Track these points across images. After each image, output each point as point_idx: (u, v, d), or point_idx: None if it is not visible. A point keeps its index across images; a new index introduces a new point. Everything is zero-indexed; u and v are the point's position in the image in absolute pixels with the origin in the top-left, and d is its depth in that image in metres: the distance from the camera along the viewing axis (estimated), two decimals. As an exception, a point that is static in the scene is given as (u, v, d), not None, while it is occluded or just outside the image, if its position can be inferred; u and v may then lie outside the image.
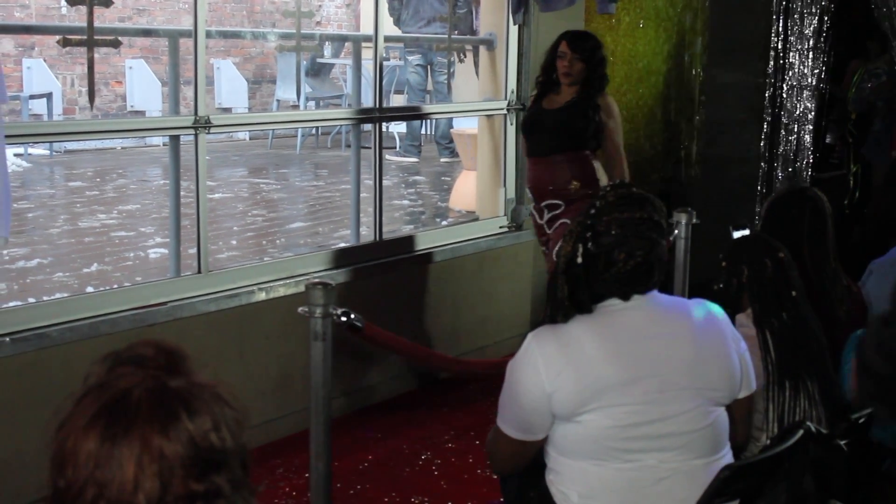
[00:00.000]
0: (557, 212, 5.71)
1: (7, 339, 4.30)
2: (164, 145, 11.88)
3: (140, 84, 13.63)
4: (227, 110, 13.67)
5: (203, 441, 1.49)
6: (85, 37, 4.68)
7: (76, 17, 12.51)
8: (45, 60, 13.29)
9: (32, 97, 12.25)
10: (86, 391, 1.52)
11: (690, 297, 3.20)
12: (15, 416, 4.25)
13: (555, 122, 5.68)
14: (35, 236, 8.01)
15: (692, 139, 8.15)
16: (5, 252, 6.97)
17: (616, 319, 2.85)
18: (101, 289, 5.80)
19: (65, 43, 4.80)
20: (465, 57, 6.90)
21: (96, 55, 4.73)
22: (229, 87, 14.25)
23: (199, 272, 5.16)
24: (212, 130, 5.18)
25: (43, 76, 12.96)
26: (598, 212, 2.86)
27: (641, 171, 7.58)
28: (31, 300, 5.74)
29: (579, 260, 2.86)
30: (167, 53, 5.64)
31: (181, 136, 5.27)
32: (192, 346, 4.79)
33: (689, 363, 2.83)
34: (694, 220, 5.59)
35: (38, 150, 11.90)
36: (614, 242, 2.82)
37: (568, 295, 2.86)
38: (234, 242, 7.95)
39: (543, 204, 5.76)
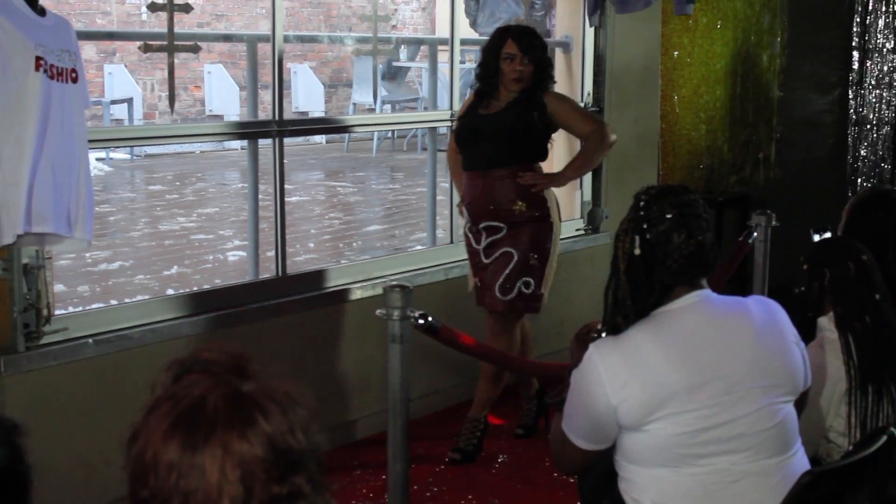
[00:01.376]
0: (498, 236, 4.98)
1: (90, 340, 4.37)
2: (241, 149, 11.98)
3: (218, 88, 13.78)
4: (304, 114, 13.78)
5: (281, 443, 1.50)
6: (165, 42, 4.75)
7: (156, 23, 12.67)
8: (125, 66, 13.49)
9: (114, 102, 12.45)
10: (157, 401, 1.53)
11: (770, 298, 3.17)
12: (98, 417, 4.32)
13: (494, 130, 4.96)
14: (117, 239, 8.14)
15: (771, 141, 8.07)
16: (88, 255, 7.09)
17: (675, 323, 2.82)
18: (182, 291, 5.88)
19: (146, 49, 4.87)
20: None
21: (176, 60, 4.79)
22: (306, 90, 14.35)
23: (278, 275, 5.21)
24: (289, 134, 5.22)
25: (124, 81, 13.16)
26: (647, 203, 2.84)
27: (719, 174, 7.52)
28: (114, 302, 5.83)
29: (637, 251, 2.83)
30: (245, 58, 5.70)
31: (259, 140, 5.32)
32: (271, 348, 4.87)
33: (752, 361, 2.80)
34: (773, 223, 5.52)
35: (120, 155, 12.08)
36: (672, 226, 2.80)
37: (630, 294, 2.84)
38: (311, 245, 8.01)
39: (482, 226, 5.01)
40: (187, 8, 4.84)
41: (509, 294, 4.96)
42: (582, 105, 5.25)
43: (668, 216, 2.81)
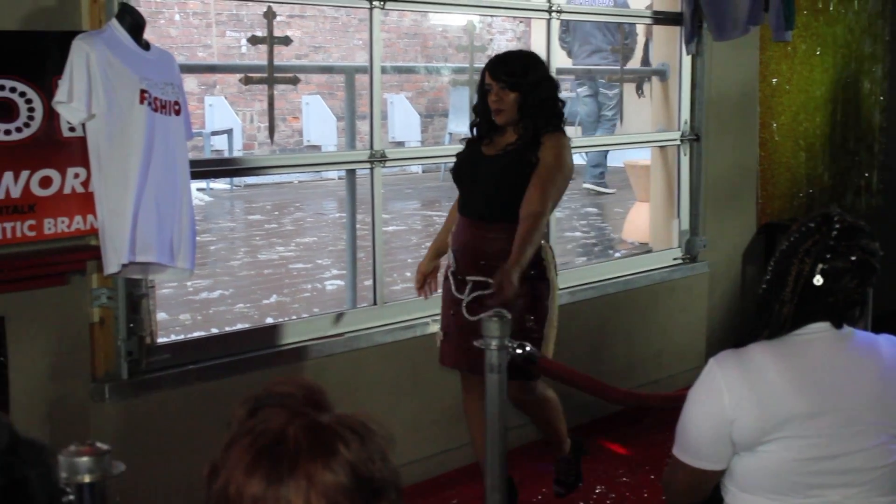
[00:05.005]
0: (487, 292, 4.36)
1: (191, 367, 4.44)
2: (339, 179, 12.12)
3: (316, 119, 13.94)
4: (400, 144, 13.87)
5: (363, 471, 1.51)
6: (265, 75, 4.83)
7: (255, 56, 12.88)
8: (226, 98, 13.72)
9: (214, 133, 12.66)
10: (236, 436, 1.55)
11: (874, 328, 3.11)
12: (198, 444, 4.37)
13: (491, 174, 4.44)
14: (217, 268, 8.25)
15: (872, 168, 7.94)
16: (190, 284, 7.20)
17: (802, 349, 2.78)
18: (281, 320, 5.94)
19: (247, 81, 4.95)
20: (643, 93, 6.80)
21: (275, 92, 4.87)
22: (402, 120, 14.45)
23: (375, 304, 5.24)
24: (386, 164, 5.27)
25: (224, 113, 13.37)
26: (839, 234, 2.79)
27: (820, 202, 7.41)
28: (214, 330, 5.91)
29: (818, 281, 2.78)
30: (342, 89, 5.77)
31: (357, 170, 5.37)
32: (368, 376, 4.90)
33: (874, 398, 2.75)
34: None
35: (220, 185, 12.27)
36: (850, 269, 2.75)
37: (793, 313, 2.79)
38: (408, 274, 8.04)
39: (469, 279, 4.46)
40: (287, 41, 4.92)
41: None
42: (558, 175, 4.36)
43: (853, 258, 2.76)
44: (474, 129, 4.59)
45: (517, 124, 4.42)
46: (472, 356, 4.16)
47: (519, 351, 3.66)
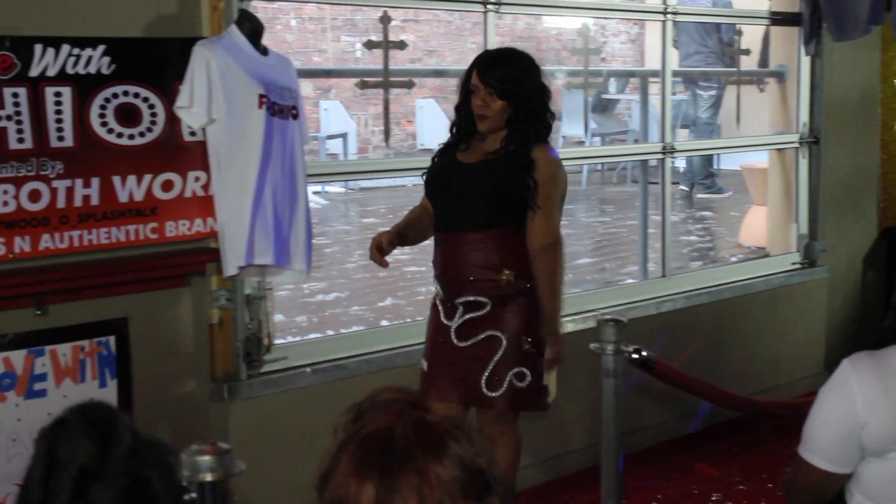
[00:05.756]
0: (479, 314, 3.97)
1: (308, 369, 4.50)
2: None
3: (429, 122, 13.99)
4: (514, 147, 13.85)
5: (472, 464, 1.51)
6: (381, 79, 4.86)
7: (370, 60, 12.98)
8: (341, 102, 13.85)
9: (329, 137, 12.78)
10: (342, 442, 1.56)
11: None
12: (315, 444, 4.41)
13: (470, 185, 3.99)
14: (332, 271, 8.33)
15: None
16: (306, 286, 7.28)
17: None
18: (396, 322, 5.98)
19: (363, 85, 5.00)
20: (763, 89, 6.69)
21: (389, 96, 4.90)
22: (517, 123, 14.41)
23: (489, 307, 5.23)
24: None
25: (339, 117, 13.49)
26: None
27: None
28: (330, 332, 5.97)
29: None
30: (455, 92, 5.77)
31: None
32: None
33: None
34: None
35: (335, 188, 12.38)
36: None
37: None
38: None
39: (459, 301, 4.01)
40: (402, 45, 4.95)
41: (499, 388, 3.96)
42: (561, 200, 4.07)
43: None
44: (453, 129, 4.16)
45: (501, 134, 3.99)
46: (465, 389, 3.98)
47: (636, 356, 3.64)
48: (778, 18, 6.70)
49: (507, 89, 3.91)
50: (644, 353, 3.70)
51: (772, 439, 5.64)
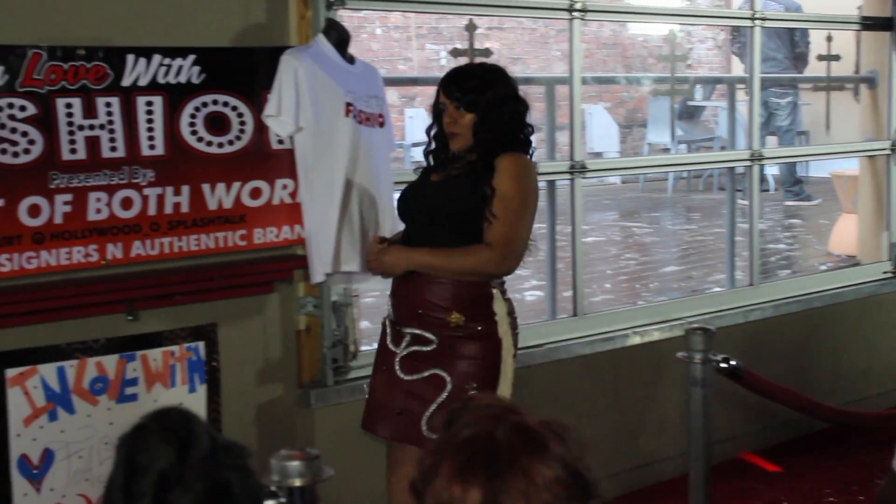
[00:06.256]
0: (425, 349, 3.68)
1: (394, 376, 4.50)
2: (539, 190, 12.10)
3: (514, 130, 13.97)
4: (598, 154, 13.80)
5: (574, 466, 1.51)
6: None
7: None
8: (425, 110, 13.88)
9: (414, 145, 12.80)
10: (442, 446, 1.55)
11: None
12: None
13: (432, 202, 3.73)
14: (417, 278, 8.34)
15: None
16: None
17: None
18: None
19: (449, 93, 4.99)
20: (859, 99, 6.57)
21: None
22: (601, 131, 14.36)
23: (575, 315, 5.22)
24: (587, 175, 5.24)
25: (424, 125, 13.51)
26: None
27: None
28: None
29: None
30: (541, 100, 5.77)
31: (556, 181, 5.36)
32: (567, 387, 4.88)
33: None
34: None
35: (419, 196, 12.40)
36: None
37: None
38: (607, 286, 8.00)
39: (406, 330, 3.74)
40: (487, 52, 4.96)
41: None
42: (525, 205, 3.65)
43: None
44: (429, 157, 3.87)
45: (472, 150, 3.70)
46: (403, 423, 3.70)
47: (724, 366, 3.60)
48: (869, 24, 6.59)
49: (472, 100, 3.65)
50: (732, 363, 3.65)
51: (862, 451, 5.54)
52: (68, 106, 3.61)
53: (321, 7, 4.18)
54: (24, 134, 3.55)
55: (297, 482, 2.17)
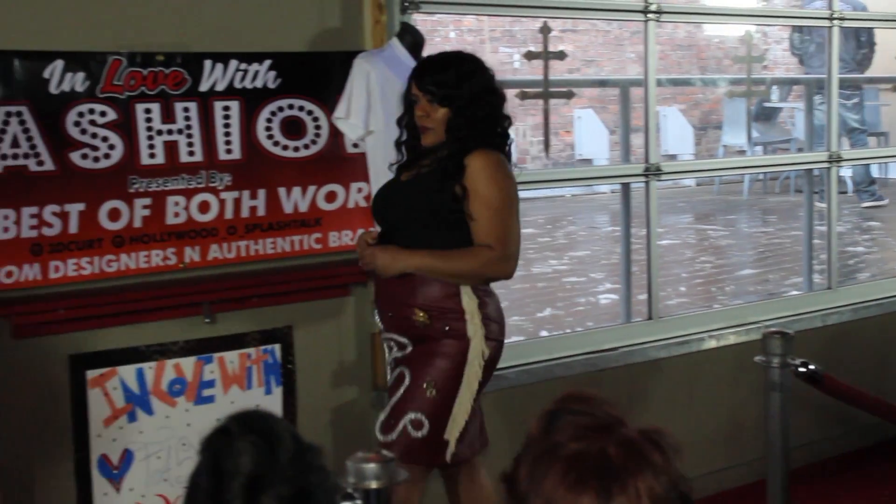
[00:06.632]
0: (402, 354, 3.57)
1: (468, 379, 4.50)
2: (611, 192, 12.07)
3: (588, 133, 13.93)
4: (673, 157, 13.71)
5: (677, 479, 1.51)
6: (541, 89, 4.86)
7: (528, 71, 12.99)
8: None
9: (487, 148, 12.82)
10: (542, 455, 1.54)
11: None
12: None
13: (401, 202, 3.57)
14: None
15: None
16: (465, 296, 7.31)
17: None
18: (555, 333, 5.96)
19: (523, 96, 5.00)
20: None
21: (549, 106, 4.89)
22: (675, 133, 14.27)
23: (650, 318, 5.19)
24: (661, 177, 5.21)
25: (496, 128, 13.52)
26: None
27: None
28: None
29: None
30: (614, 102, 5.76)
31: (631, 184, 5.33)
32: (642, 391, 4.86)
33: None
34: None
35: (493, 199, 12.40)
36: None
37: None
38: (682, 289, 7.94)
39: (387, 337, 3.65)
40: (562, 55, 4.94)
41: (390, 433, 3.49)
42: (510, 203, 3.53)
43: None
44: (401, 148, 3.69)
45: (444, 146, 3.52)
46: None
47: (803, 370, 3.56)
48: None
49: (446, 94, 3.46)
50: (811, 367, 3.61)
51: (945, 457, 5.46)
52: (147, 111, 3.66)
53: (395, 11, 4.20)
54: (105, 139, 3.61)
55: (373, 484, 2.18)
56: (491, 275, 3.49)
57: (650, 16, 5.03)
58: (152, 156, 3.69)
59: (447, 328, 3.46)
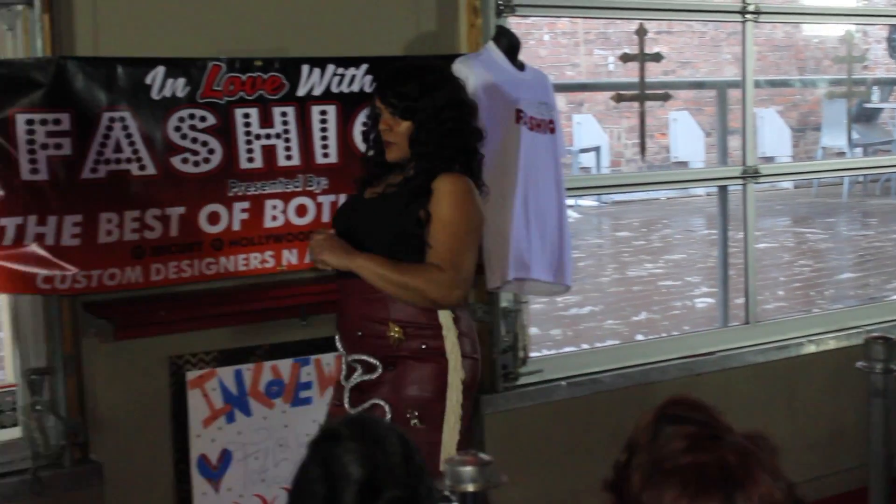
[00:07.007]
0: (370, 377, 3.28)
1: (563, 382, 4.50)
2: (707, 195, 11.96)
3: (683, 135, 13.83)
4: (770, 159, 13.54)
5: (791, 483, 1.49)
6: (637, 92, 4.83)
7: (622, 73, 12.92)
8: (593, 115, 13.84)
9: (583, 151, 12.80)
10: (655, 464, 1.53)
11: None
12: (568, 458, 4.42)
13: (363, 222, 3.34)
14: (586, 284, 8.33)
15: None
16: (560, 299, 7.30)
17: None
18: (651, 337, 5.92)
19: (619, 98, 4.97)
20: None
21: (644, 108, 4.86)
22: (772, 135, 14.10)
23: (747, 322, 5.13)
24: (759, 180, 5.15)
25: (591, 131, 13.49)
26: None
27: None
28: (585, 346, 5.97)
29: None
30: (710, 104, 5.71)
31: (728, 186, 5.27)
32: (739, 397, 4.80)
33: None
34: None
35: (587, 202, 12.38)
36: None
37: None
38: (780, 293, 7.85)
39: (352, 359, 3.33)
40: (658, 57, 4.90)
41: None
42: (469, 232, 3.25)
43: None
44: (369, 164, 3.49)
45: (410, 163, 3.32)
46: None
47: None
48: None
49: (408, 107, 3.26)
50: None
51: None
52: (246, 116, 3.70)
53: (491, 15, 4.20)
54: (205, 144, 3.65)
55: (470, 487, 2.18)
56: (434, 297, 3.20)
57: (748, 16, 4.98)
58: (251, 160, 3.73)
59: (423, 346, 3.24)
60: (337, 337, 3.42)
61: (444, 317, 3.25)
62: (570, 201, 11.96)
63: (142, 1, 3.63)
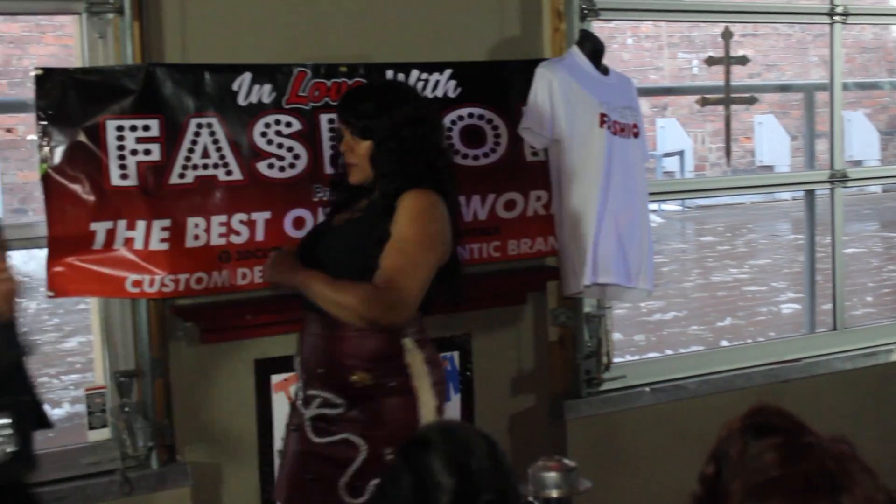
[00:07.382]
0: (333, 412, 3.14)
1: (647, 388, 4.47)
2: (792, 199, 11.82)
3: (769, 139, 13.69)
4: (858, 163, 13.35)
5: (885, 486, 1.47)
6: (722, 95, 4.79)
7: (706, 77, 12.81)
8: (677, 119, 13.74)
9: (666, 155, 12.73)
10: (762, 482, 1.51)
11: None
12: (653, 465, 4.39)
13: (328, 251, 3.21)
14: (670, 290, 8.28)
15: None
16: (643, 305, 7.26)
17: None
18: (736, 343, 5.87)
19: (703, 102, 4.93)
20: None
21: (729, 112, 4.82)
22: (860, 138, 13.90)
23: (835, 329, 5.07)
24: (847, 184, 5.08)
25: (675, 135, 13.40)
26: None
27: None
28: (668, 352, 5.93)
29: None
30: (795, 107, 5.65)
31: (815, 190, 5.21)
32: (827, 404, 4.75)
33: None
34: None
35: (671, 206, 12.30)
36: None
37: None
38: (868, 299, 7.73)
39: (311, 393, 3.19)
40: (744, 60, 4.86)
41: (361, 496, 3.08)
42: (421, 250, 3.06)
43: None
44: (337, 189, 3.41)
45: (375, 184, 3.20)
46: (316, 491, 3.17)
47: None
48: None
49: (366, 126, 3.17)
50: None
51: None
52: (331, 121, 3.72)
53: (575, 19, 4.19)
54: (290, 149, 3.68)
55: (554, 493, 2.18)
56: (368, 317, 3.03)
57: (836, 18, 4.92)
58: (335, 166, 3.75)
59: (392, 384, 3.12)
60: (297, 360, 3.29)
61: (412, 356, 3.15)
62: (653, 206, 11.95)
63: (229, 9, 3.67)
